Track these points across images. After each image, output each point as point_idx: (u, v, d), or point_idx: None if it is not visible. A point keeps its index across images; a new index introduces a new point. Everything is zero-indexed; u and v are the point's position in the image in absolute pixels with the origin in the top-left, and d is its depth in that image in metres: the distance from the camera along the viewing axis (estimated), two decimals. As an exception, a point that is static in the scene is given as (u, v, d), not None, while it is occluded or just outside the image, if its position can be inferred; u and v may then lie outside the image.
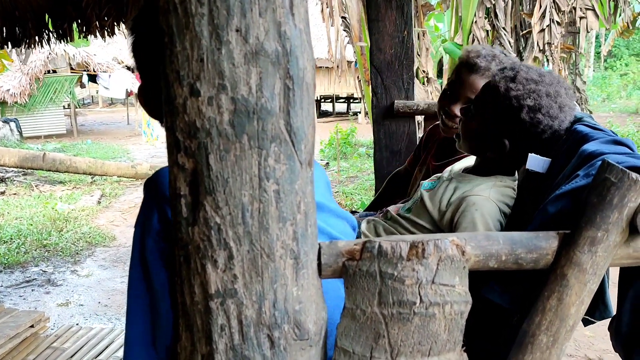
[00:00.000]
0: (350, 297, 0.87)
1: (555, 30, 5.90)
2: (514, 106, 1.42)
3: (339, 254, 0.87)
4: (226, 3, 0.75)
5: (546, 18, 5.90)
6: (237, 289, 0.81)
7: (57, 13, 4.48)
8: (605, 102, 19.79)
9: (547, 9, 5.86)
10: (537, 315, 0.90)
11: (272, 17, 0.77)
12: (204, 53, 0.77)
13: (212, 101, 0.77)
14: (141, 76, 1.15)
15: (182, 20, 0.77)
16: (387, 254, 0.84)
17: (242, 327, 0.82)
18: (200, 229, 0.81)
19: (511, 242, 0.89)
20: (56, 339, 3.52)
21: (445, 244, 0.85)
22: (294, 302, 0.83)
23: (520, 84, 1.43)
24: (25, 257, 6.33)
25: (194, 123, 0.78)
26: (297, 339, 0.84)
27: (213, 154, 0.79)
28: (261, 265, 0.81)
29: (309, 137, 0.83)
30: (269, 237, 0.81)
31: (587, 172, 1.00)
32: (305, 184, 0.83)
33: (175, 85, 0.79)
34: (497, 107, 1.46)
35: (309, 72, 0.82)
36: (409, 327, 0.86)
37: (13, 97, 14.88)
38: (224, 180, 0.79)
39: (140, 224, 0.93)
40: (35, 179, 10.29)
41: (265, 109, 0.78)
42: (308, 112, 0.83)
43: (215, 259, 0.81)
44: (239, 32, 0.76)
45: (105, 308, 5.01)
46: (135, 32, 1.11)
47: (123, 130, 17.50)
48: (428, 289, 0.85)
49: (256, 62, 0.77)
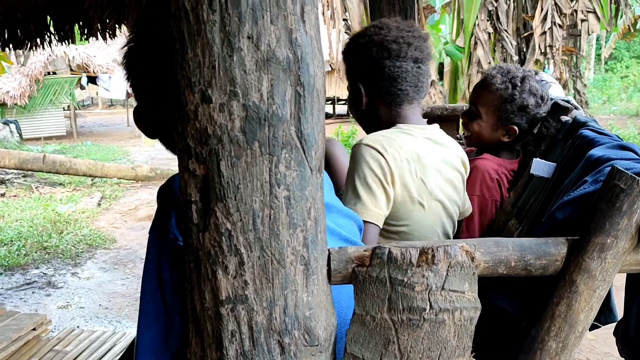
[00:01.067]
0: (359, 303, 0.87)
1: (557, 33, 5.91)
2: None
3: (349, 260, 0.87)
4: (238, 10, 0.76)
5: (548, 21, 5.91)
6: (248, 295, 0.81)
7: (59, 15, 4.49)
8: (605, 105, 19.78)
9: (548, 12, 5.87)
10: (546, 321, 0.91)
11: (284, 24, 0.78)
12: (215, 60, 0.77)
13: (224, 108, 0.78)
14: (136, 93, 1.13)
15: (194, 27, 0.77)
16: (397, 260, 0.85)
17: (253, 333, 0.82)
18: (211, 235, 0.81)
19: (520, 248, 0.89)
20: (58, 341, 3.52)
21: (455, 250, 0.85)
22: (304, 308, 0.84)
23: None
24: (25, 259, 6.33)
25: (205, 130, 0.79)
26: (308, 345, 0.84)
27: (224, 160, 0.79)
28: (272, 271, 0.81)
29: (319, 144, 0.84)
30: (279, 244, 0.81)
31: (595, 178, 1.00)
32: (316, 190, 0.84)
33: (187, 92, 0.79)
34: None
35: (319, 78, 0.82)
36: (419, 333, 0.86)
37: (13, 98, 14.89)
38: (235, 186, 0.79)
39: (157, 229, 0.93)
40: (35, 181, 10.30)
41: (276, 115, 0.79)
42: (318, 119, 0.83)
43: (226, 265, 0.81)
44: (250, 39, 0.77)
45: (106, 310, 5.01)
46: (135, 42, 1.10)
47: (123, 132, 17.50)
48: (438, 295, 0.85)
49: (267, 68, 0.78)
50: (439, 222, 1.71)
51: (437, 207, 1.69)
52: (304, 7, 0.79)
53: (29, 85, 14.98)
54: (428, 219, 1.66)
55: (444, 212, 1.71)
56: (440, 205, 1.69)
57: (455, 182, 1.77)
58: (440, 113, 2.63)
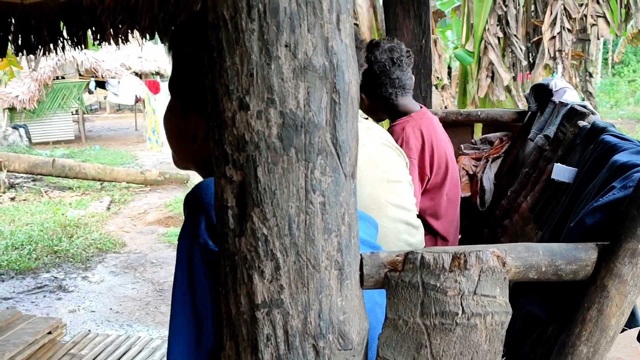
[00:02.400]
0: (392, 308, 0.88)
1: (566, 38, 5.91)
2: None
3: (381, 264, 0.88)
4: (276, 19, 0.77)
5: (557, 25, 5.91)
6: (284, 299, 0.83)
7: (72, 21, 4.52)
8: (613, 109, 19.75)
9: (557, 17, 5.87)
10: (577, 326, 0.91)
11: (320, 32, 0.79)
12: (253, 68, 0.78)
13: (261, 115, 0.79)
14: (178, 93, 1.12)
15: (233, 35, 0.78)
16: (429, 265, 0.86)
17: (288, 337, 0.84)
18: (248, 240, 0.82)
19: (551, 253, 0.90)
20: (73, 345, 3.54)
21: (487, 255, 0.86)
22: (339, 312, 0.85)
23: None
24: (36, 263, 6.37)
25: (242, 136, 0.80)
26: (342, 349, 0.85)
27: (261, 166, 0.80)
28: (307, 275, 0.82)
29: (353, 150, 0.85)
30: (314, 248, 0.82)
31: (623, 184, 1.01)
32: (349, 195, 0.85)
33: (224, 100, 0.80)
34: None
35: (353, 85, 0.84)
36: (451, 337, 0.87)
37: (22, 103, 14.97)
38: (272, 192, 0.81)
39: (187, 234, 0.94)
40: (44, 185, 10.35)
41: (312, 122, 0.80)
42: (352, 125, 0.84)
43: (262, 269, 0.82)
44: (288, 48, 0.78)
45: (116, 314, 5.04)
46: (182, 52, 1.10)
47: (131, 137, 17.57)
48: (470, 300, 0.86)
49: (304, 76, 0.79)
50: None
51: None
52: (339, 16, 0.81)
53: (37, 90, 15.06)
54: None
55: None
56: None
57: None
58: (455, 118, 2.64)
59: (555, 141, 1.99)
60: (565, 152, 1.83)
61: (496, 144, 2.69)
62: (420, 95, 2.77)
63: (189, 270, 0.94)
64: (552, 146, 2.00)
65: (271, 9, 0.77)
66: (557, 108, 2.15)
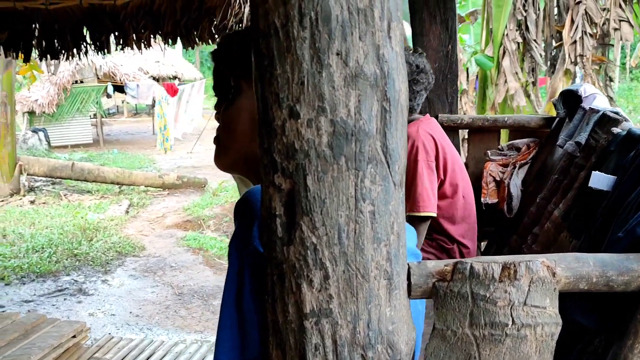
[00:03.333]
0: (440, 318, 0.87)
1: (588, 43, 5.86)
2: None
3: (429, 274, 0.88)
4: (328, 27, 0.77)
5: (578, 30, 5.86)
6: (332, 308, 0.82)
7: (95, 26, 4.56)
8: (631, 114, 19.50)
9: (579, 21, 5.83)
10: (630, 338, 0.90)
11: (372, 40, 0.79)
12: (304, 76, 0.78)
13: (312, 123, 0.78)
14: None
15: (284, 43, 0.78)
16: (479, 275, 0.85)
17: (337, 346, 0.83)
18: (296, 248, 0.82)
19: (602, 264, 0.89)
20: (98, 349, 3.56)
21: (537, 265, 0.85)
22: (387, 322, 0.84)
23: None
24: (56, 266, 6.41)
25: (292, 145, 0.80)
26: (390, 359, 0.84)
27: (311, 175, 0.80)
28: (356, 285, 0.82)
29: (402, 159, 0.84)
30: (364, 258, 0.82)
31: (674, 193, 0.99)
32: (398, 204, 0.84)
33: (274, 108, 0.80)
34: None
35: (403, 93, 0.83)
36: (501, 348, 0.86)
37: (41, 107, 15.10)
38: (321, 200, 0.80)
39: (238, 241, 0.94)
40: (63, 188, 10.43)
41: (363, 130, 0.79)
42: (402, 134, 0.84)
43: (310, 278, 0.81)
44: (339, 56, 0.78)
45: (136, 318, 5.06)
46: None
47: (148, 140, 17.65)
48: (520, 311, 0.85)
49: (355, 84, 0.78)
50: None
51: None
52: (390, 24, 0.80)
53: (57, 94, 15.19)
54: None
55: None
56: None
57: None
58: (481, 124, 2.62)
59: (586, 148, 1.97)
60: (599, 160, 1.80)
61: (523, 150, 2.68)
62: (446, 101, 2.76)
63: (239, 276, 0.93)
64: (584, 153, 1.98)
65: (323, 17, 0.77)
66: (587, 114, 2.13)
